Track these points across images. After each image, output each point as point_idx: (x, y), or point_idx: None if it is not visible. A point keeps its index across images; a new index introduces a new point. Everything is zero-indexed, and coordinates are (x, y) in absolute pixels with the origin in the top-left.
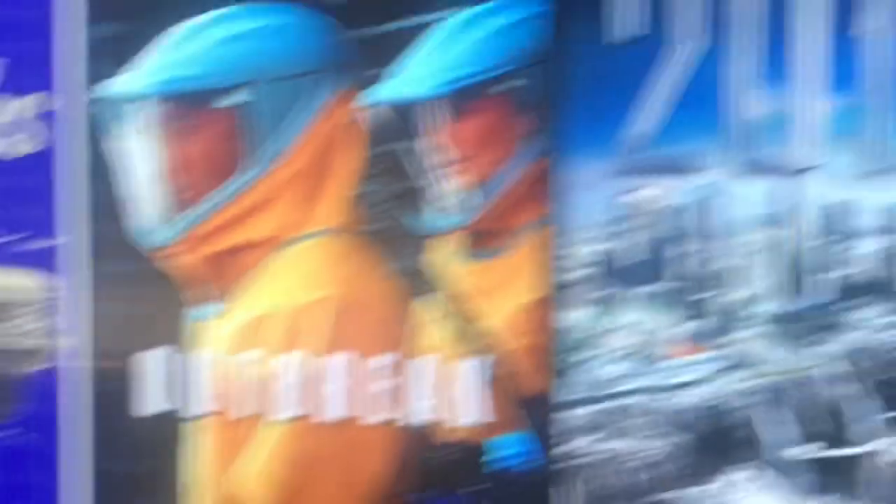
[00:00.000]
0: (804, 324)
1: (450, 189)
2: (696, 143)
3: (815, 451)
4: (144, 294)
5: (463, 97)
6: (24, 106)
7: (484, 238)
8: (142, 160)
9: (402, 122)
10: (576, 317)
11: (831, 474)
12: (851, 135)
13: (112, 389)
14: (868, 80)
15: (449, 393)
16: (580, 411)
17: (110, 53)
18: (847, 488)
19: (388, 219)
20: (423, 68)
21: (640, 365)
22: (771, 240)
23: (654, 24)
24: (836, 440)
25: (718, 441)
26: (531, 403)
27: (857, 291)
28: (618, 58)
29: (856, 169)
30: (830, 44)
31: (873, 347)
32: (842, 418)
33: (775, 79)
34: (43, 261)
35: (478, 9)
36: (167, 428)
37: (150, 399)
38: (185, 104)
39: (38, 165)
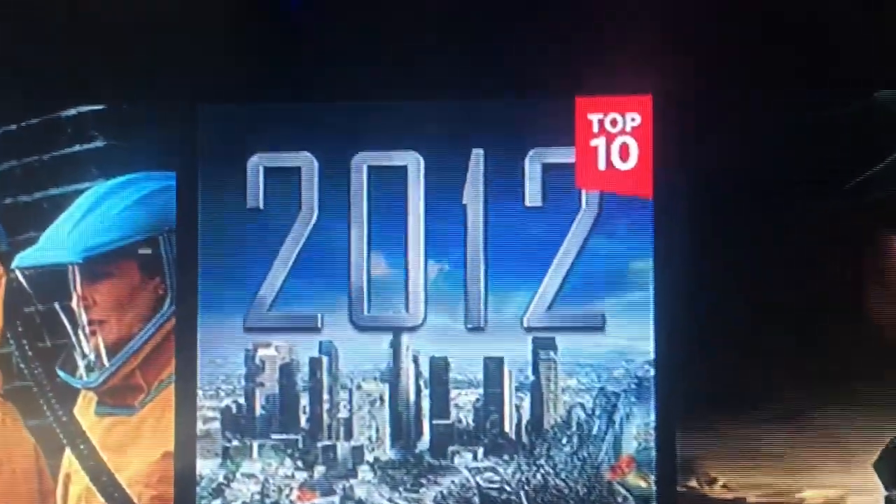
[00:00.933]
0: (414, 468)
1: (88, 349)
2: (317, 303)
3: None
4: None
5: (100, 263)
6: None
7: (119, 395)
8: None
9: (45, 285)
10: (206, 466)
11: None
12: (453, 296)
13: None
14: (468, 248)
15: None
16: None
17: None
18: None
19: (31, 377)
20: (65, 236)
21: None
22: (383, 391)
23: (273, 199)
24: None
25: None
26: None
27: (458, 438)
28: (246, 227)
29: (456, 327)
30: (434, 215)
31: (472, 488)
32: None
33: (386, 247)
34: None
35: (113, 182)
36: None
37: None
38: None
39: None
